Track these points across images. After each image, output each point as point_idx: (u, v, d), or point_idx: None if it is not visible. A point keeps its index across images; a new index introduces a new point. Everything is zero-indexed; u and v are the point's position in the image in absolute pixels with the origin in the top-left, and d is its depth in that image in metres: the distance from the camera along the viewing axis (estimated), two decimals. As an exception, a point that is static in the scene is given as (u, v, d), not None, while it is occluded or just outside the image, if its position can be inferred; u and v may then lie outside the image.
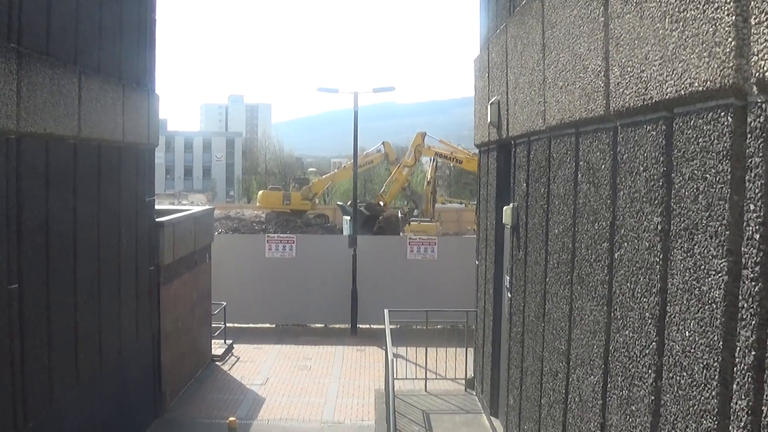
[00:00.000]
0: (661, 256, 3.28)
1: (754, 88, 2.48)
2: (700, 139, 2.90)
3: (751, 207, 2.49)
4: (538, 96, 5.72)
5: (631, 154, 3.71)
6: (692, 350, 2.93)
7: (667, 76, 3.14)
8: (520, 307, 6.64)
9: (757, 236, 2.45)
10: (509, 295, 7.28)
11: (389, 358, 8.60)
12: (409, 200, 34.63)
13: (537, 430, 5.75)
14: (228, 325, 15.98)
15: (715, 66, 2.69)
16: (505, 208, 7.29)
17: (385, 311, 10.80)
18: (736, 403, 2.56)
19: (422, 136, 31.98)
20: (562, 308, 5.03)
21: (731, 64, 2.57)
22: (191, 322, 12.97)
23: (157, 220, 10.89)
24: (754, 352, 2.44)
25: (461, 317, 11.72)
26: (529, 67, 6.03)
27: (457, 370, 11.71)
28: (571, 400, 4.76)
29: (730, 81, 2.58)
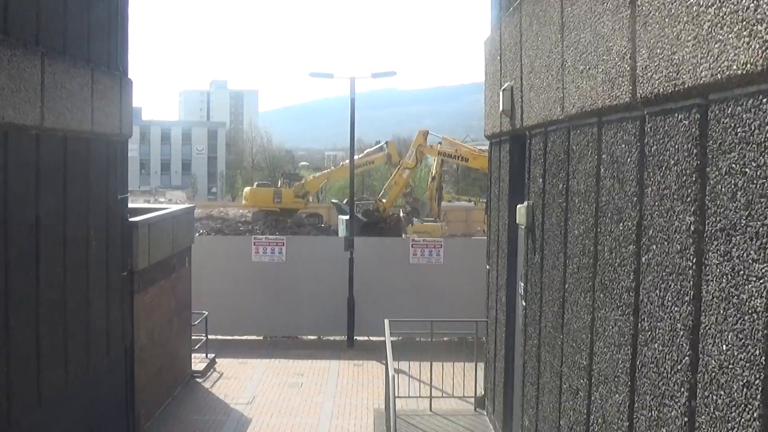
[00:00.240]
0: (695, 260, 3.26)
1: (800, 72, 2.46)
2: (739, 129, 2.88)
3: (797, 205, 2.47)
4: (555, 81, 5.71)
5: (660, 146, 3.70)
6: (730, 366, 2.91)
7: (702, 59, 3.12)
8: (535, 317, 6.63)
9: (803, 238, 2.43)
10: (524, 304, 7.27)
11: (390, 374, 8.59)
12: (410, 207, 34.50)
13: (555, 455, 5.74)
14: (210, 337, 15.98)
15: (756, 47, 2.67)
16: (518, 206, 7.29)
17: (386, 321, 10.79)
18: (780, 426, 2.54)
19: (424, 135, 32.01)
20: (583, 318, 5.02)
21: (774, 45, 2.55)
22: (169, 334, 12.96)
23: (131, 219, 10.88)
24: (799, 369, 2.42)
25: (470, 328, 11.70)
26: (546, 49, 6.02)
27: (466, 388, 11.69)
28: (593, 422, 4.75)
29: (773, 63, 2.56)
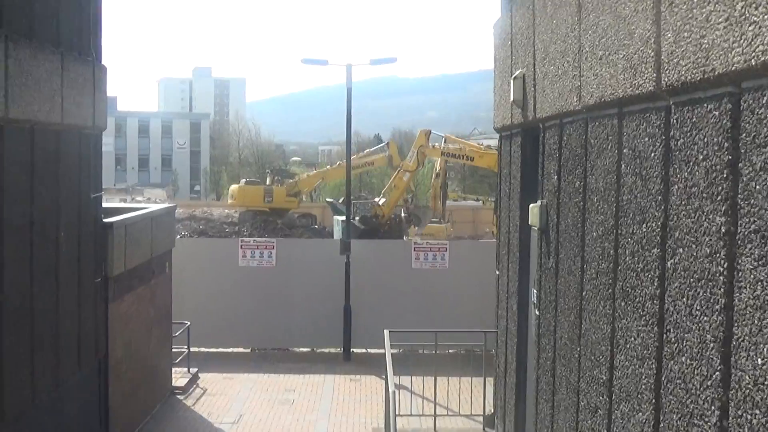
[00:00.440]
0: (726, 265, 3.25)
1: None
2: (775, 120, 2.86)
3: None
4: (572, 68, 5.71)
5: (687, 139, 3.69)
6: (766, 382, 2.89)
7: (734, 43, 3.10)
8: (550, 328, 6.63)
9: None
10: (537, 313, 7.27)
11: (390, 390, 8.59)
12: (411, 214, 34.46)
13: (571, 480, 5.73)
14: (192, 349, 15.98)
15: (794, 29, 2.65)
16: (531, 206, 7.29)
17: (385, 332, 10.79)
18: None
19: (426, 135, 32.08)
20: (602, 329, 5.02)
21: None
22: (147, 347, 12.95)
23: (105, 220, 10.88)
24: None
25: (478, 340, 11.71)
26: (562, 33, 6.02)
27: (474, 405, 11.69)
28: (613, 443, 4.74)
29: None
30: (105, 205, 11.53)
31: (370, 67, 18.80)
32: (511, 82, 7.97)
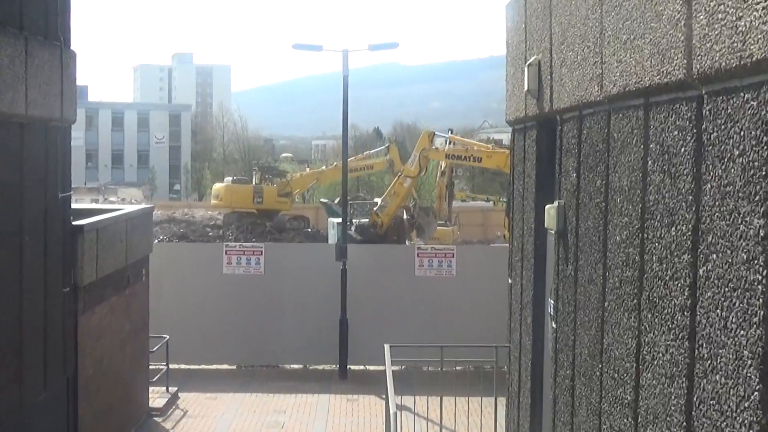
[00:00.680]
0: (765, 273, 3.25)
1: None
2: (819, 112, 2.85)
3: None
4: (593, 54, 5.70)
5: (721, 132, 3.68)
6: (808, 404, 2.88)
7: (773, 25, 3.09)
8: (569, 342, 6.62)
9: None
10: (554, 326, 7.27)
11: (391, 411, 8.58)
12: (412, 225, 34.36)
13: None
14: (172, 366, 15.96)
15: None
16: (547, 207, 7.29)
17: (386, 347, 10.78)
18: None
19: (430, 137, 32.04)
20: (627, 344, 5.01)
21: None
22: (121, 364, 12.94)
23: (75, 223, 10.87)
24: None
25: (489, 355, 11.68)
26: (582, 15, 6.01)
27: (484, 428, 11.68)
28: (639, 471, 4.73)
29: None
30: (74, 206, 11.51)
31: (368, 54, 18.88)
32: (526, 70, 7.97)
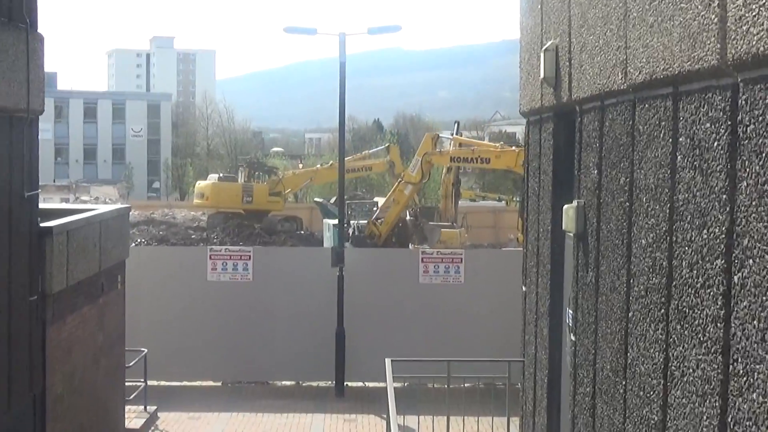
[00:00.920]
0: (807, 281, 3.23)
1: None
2: None
3: None
4: (616, 38, 5.70)
5: (759, 124, 3.67)
6: None
7: (816, 5, 3.09)
8: (589, 356, 6.62)
9: None
10: (573, 338, 7.27)
11: (392, 434, 8.57)
12: (417, 225, 34.40)
13: None
14: (150, 383, 15.95)
15: None
16: (565, 207, 7.29)
17: (387, 362, 10.78)
18: None
19: (433, 140, 32.09)
20: (654, 358, 5.00)
21: None
22: (94, 380, 12.94)
23: (43, 225, 10.86)
24: None
25: (501, 371, 11.68)
26: (603, -6, 6.01)
27: (495, 451, 11.67)
28: (667, 499, 4.73)
29: None
30: (42, 206, 11.50)
31: (368, 38, 18.73)
32: (542, 56, 7.97)
